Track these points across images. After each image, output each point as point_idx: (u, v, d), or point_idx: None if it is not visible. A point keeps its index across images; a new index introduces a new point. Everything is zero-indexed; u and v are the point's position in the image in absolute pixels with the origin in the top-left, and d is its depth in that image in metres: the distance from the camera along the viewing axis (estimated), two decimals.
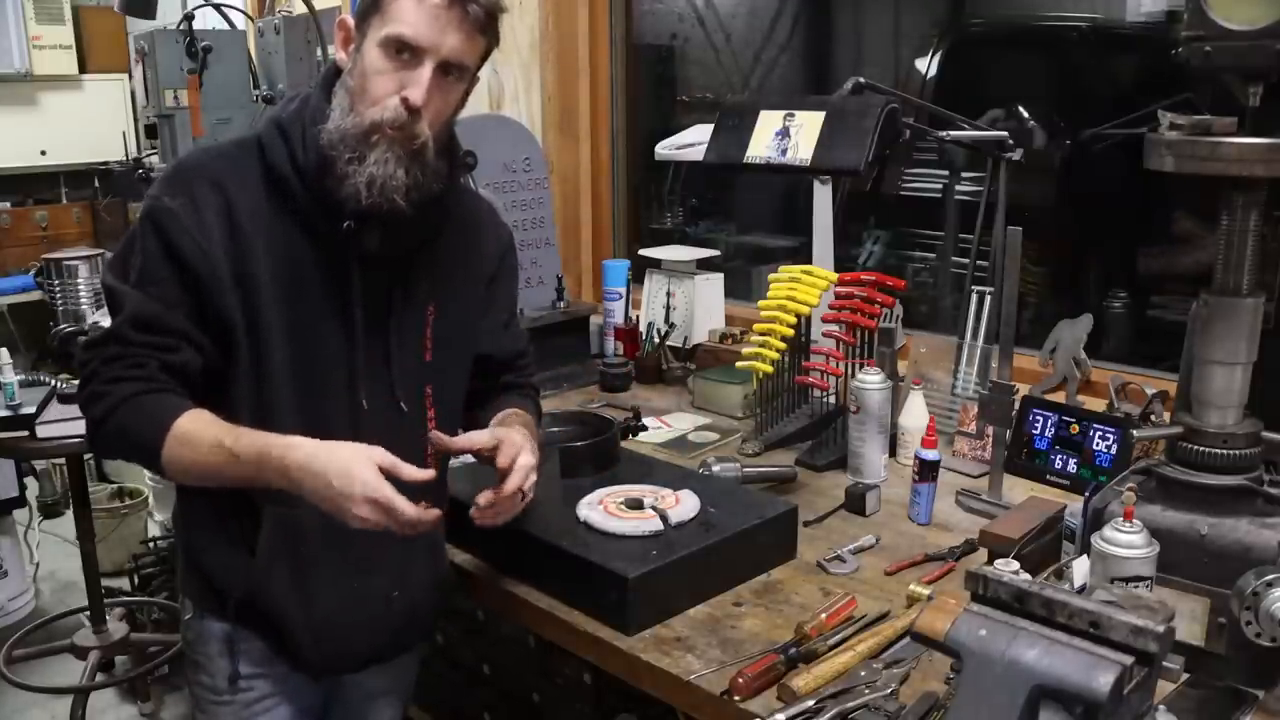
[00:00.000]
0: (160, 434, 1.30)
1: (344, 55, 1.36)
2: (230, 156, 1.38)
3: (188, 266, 1.32)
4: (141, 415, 1.31)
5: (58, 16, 4.45)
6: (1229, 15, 1.20)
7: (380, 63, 1.31)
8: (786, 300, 2.03)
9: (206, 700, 1.51)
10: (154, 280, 1.33)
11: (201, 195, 1.33)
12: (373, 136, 1.31)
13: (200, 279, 1.32)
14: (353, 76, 1.33)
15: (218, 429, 1.31)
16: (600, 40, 3.06)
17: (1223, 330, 1.30)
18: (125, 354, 1.32)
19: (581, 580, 1.48)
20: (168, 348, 1.33)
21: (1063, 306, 2.36)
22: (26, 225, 4.59)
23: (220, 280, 1.33)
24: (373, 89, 1.31)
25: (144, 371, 1.32)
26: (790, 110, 1.78)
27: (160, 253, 1.32)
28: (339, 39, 1.37)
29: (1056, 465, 1.88)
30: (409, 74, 1.31)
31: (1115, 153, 2.35)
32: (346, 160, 1.31)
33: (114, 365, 1.32)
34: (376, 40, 1.31)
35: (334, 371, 1.40)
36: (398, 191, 1.32)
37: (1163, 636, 0.90)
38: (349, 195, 1.32)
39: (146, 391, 1.32)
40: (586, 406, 2.36)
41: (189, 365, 1.34)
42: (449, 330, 1.50)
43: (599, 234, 3.18)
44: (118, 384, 1.32)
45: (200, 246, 1.32)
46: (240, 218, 1.33)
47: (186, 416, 1.31)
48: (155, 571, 3.48)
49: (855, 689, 1.26)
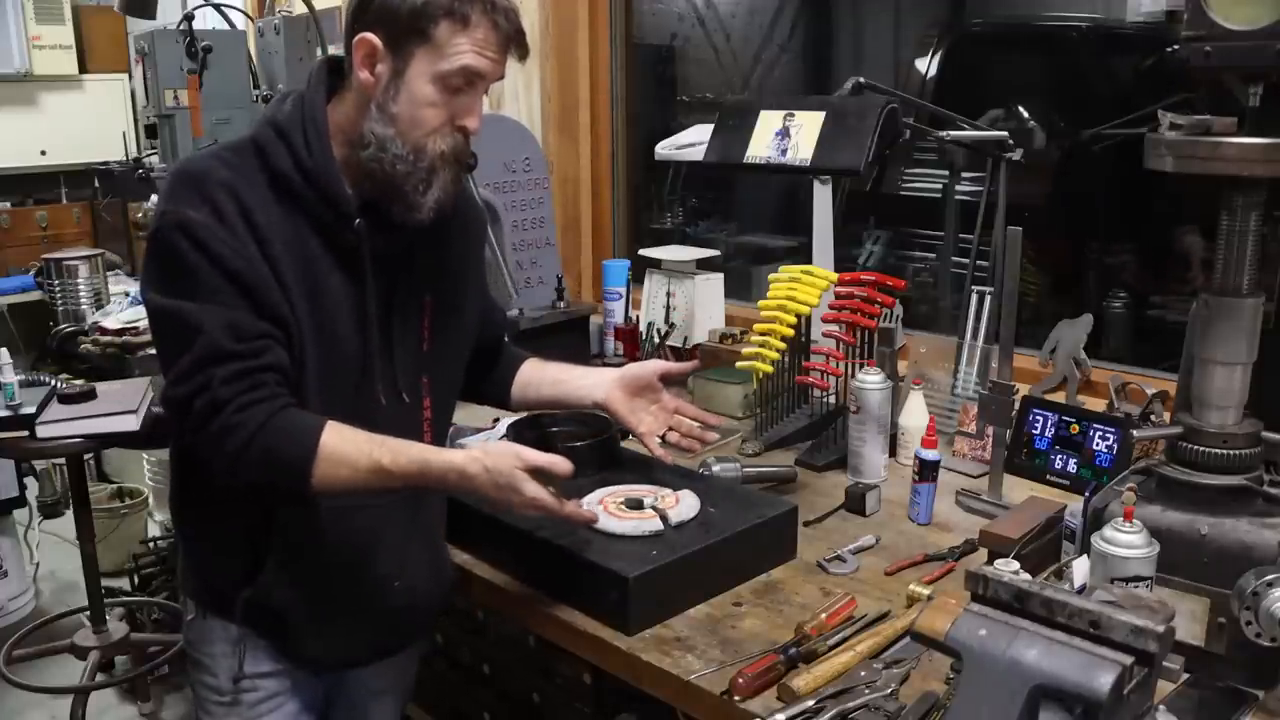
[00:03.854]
0: (309, 456, 1.28)
1: (366, 73, 1.33)
2: (232, 162, 1.35)
3: (236, 274, 1.29)
4: (284, 439, 1.28)
5: (58, 16, 4.45)
6: (1229, 15, 1.20)
7: (436, 95, 1.33)
8: (786, 300, 2.03)
9: (210, 700, 1.51)
10: (214, 290, 1.28)
11: (221, 202, 1.30)
12: (438, 165, 1.36)
13: (249, 283, 1.29)
14: (395, 103, 1.33)
15: (366, 444, 1.31)
16: (600, 40, 3.06)
17: (1223, 330, 1.30)
18: (240, 373, 1.27)
19: (581, 580, 1.49)
20: (265, 350, 1.29)
21: (1063, 306, 2.37)
22: (26, 225, 4.60)
23: (266, 282, 1.30)
24: (428, 119, 1.34)
25: (267, 390, 1.28)
26: (790, 110, 1.78)
27: (208, 265, 1.28)
28: (359, 56, 1.33)
29: (1056, 465, 1.88)
30: (463, 102, 1.35)
31: (1115, 153, 2.35)
32: (418, 190, 1.35)
33: (234, 388, 1.26)
34: (432, 73, 1.31)
35: (350, 367, 1.40)
36: (449, 207, 1.40)
37: (1163, 636, 0.90)
38: (414, 219, 1.37)
39: (276, 411, 1.28)
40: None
41: (285, 364, 1.32)
42: (445, 319, 1.51)
43: (599, 234, 3.18)
44: (251, 409, 1.26)
45: (240, 253, 1.29)
46: (258, 221, 1.31)
47: (329, 434, 1.29)
48: (155, 571, 3.48)
49: (855, 689, 1.26)
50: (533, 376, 1.73)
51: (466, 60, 1.31)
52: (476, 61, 1.32)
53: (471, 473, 1.33)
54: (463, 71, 1.32)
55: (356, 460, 1.30)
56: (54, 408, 2.37)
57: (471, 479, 1.34)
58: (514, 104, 3.05)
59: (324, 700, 1.60)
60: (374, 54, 1.33)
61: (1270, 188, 1.26)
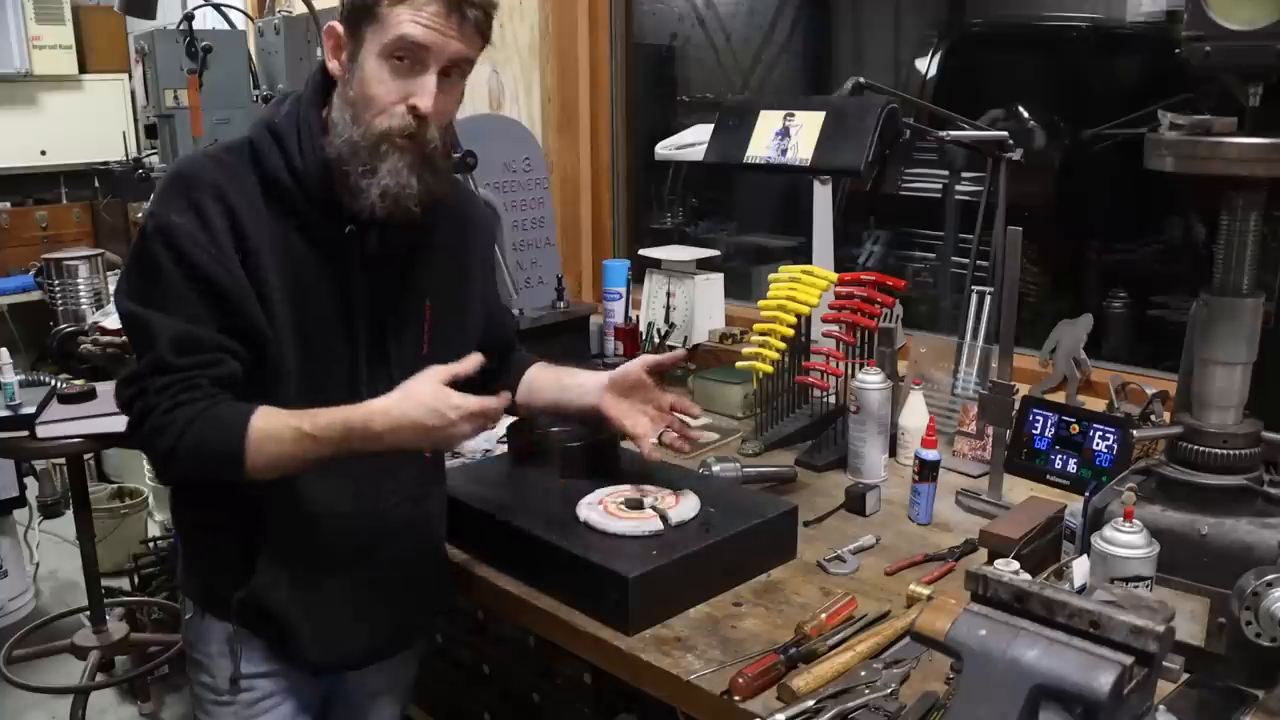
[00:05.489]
0: (240, 439, 1.29)
1: (336, 64, 1.35)
2: (225, 163, 1.35)
3: (209, 280, 1.30)
4: (215, 428, 1.29)
5: (58, 16, 4.45)
6: (1229, 15, 1.20)
7: (382, 72, 1.31)
8: (786, 300, 2.03)
9: (208, 700, 1.51)
10: (180, 299, 1.30)
11: (206, 206, 1.31)
12: (382, 146, 1.32)
13: (223, 291, 1.31)
14: (352, 87, 1.33)
15: (290, 418, 1.30)
16: (600, 40, 3.06)
17: (1223, 330, 1.30)
18: (175, 381, 1.29)
19: (581, 580, 1.48)
20: (212, 363, 1.31)
21: (1063, 306, 2.36)
22: (26, 225, 4.59)
23: (242, 288, 1.31)
24: (377, 98, 1.31)
25: (200, 392, 1.30)
26: (790, 110, 1.78)
27: (179, 271, 1.30)
28: (329, 46, 1.36)
29: (1056, 465, 1.88)
30: (413, 81, 1.31)
31: (1115, 153, 2.35)
32: (360, 173, 1.32)
33: (166, 395, 1.29)
34: (376, 49, 1.30)
35: (337, 372, 1.41)
36: (411, 200, 1.34)
37: (1163, 636, 0.90)
38: (364, 208, 1.33)
39: (209, 407, 1.30)
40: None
41: (235, 376, 1.33)
42: (445, 324, 1.51)
43: (599, 234, 3.18)
44: (178, 409, 1.29)
45: (217, 258, 1.30)
46: (244, 225, 1.32)
47: (257, 416, 1.30)
48: (155, 571, 3.49)
49: (855, 689, 1.26)
50: (537, 381, 1.72)
51: (404, 29, 1.28)
52: (413, 29, 1.28)
53: (397, 410, 1.30)
54: (400, 40, 1.28)
55: (281, 433, 1.29)
56: (54, 408, 2.38)
57: (399, 416, 1.29)
58: (514, 104, 3.05)
59: (322, 702, 1.60)
60: (339, 43, 1.34)
61: (1270, 188, 1.26)
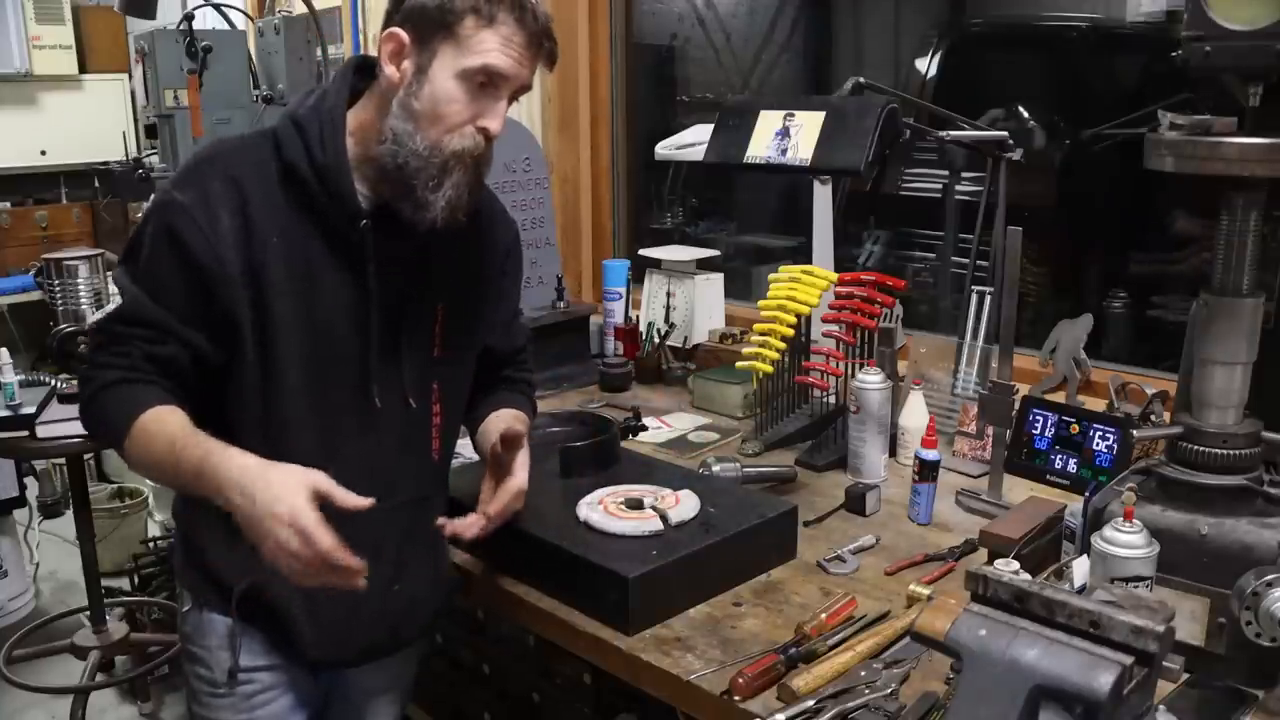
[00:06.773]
0: (126, 425, 1.32)
1: (393, 69, 1.33)
2: (247, 150, 1.37)
3: (193, 262, 1.32)
4: (115, 403, 1.34)
5: (58, 16, 4.45)
6: (1229, 15, 1.20)
7: (459, 92, 1.32)
8: (786, 300, 2.03)
9: (204, 693, 1.51)
10: (153, 274, 1.34)
11: (215, 190, 1.32)
12: (451, 164, 1.34)
13: (206, 274, 1.32)
14: (418, 99, 1.32)
15: (176, 430, 1.30)
16: (600, 40, 3.06)
17: (1223, 330, 1.30)
18: (109, 342, 1.36)
19: (581, 580, 1.48)
20: (151, 339, 1.34)
21: (1063, 306, 2.37)
22: (26, 225, 4.59)
23: (229, 276, 1.32)
24: (448, 116, 1.32)
25: (128, 361, 1.34)
26: (790, 110, 1.78)
27: (165, 247, 1.33)
28: (387, 50, 1.34)
29: (1056, 465, 1.88)
30: (487, 104, 1.34)
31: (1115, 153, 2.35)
32: (427, 187, 1.33)
33: (101, 353, 1.37)
34: (455, 69, 1.31)
35: (346, 369, 1.40)
36: (463, 210, 1.37)
37: (1163, 636, 0.90)
38: (424, 220, 1.34)
39: (125, 380, 1.34)
40: (586, 406, 2.36)
41: (175, 359, 1.35)
42: (458, 326, 1.50)
43: (599, 234, 3.18)
44: (103, 370, 1.36)
45: (208, 241, 1.31)
46: (254, 213, 1.33)
47: (154, 411, 1.32)
48: (155, 571, 3.49)
49: (855, 689, 1.26)
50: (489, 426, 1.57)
51: (490, 59, 1.30)
52: (499, 60, 1.31)
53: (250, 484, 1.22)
54: (485, 69, 1.31)
55: (158, 435, 1.31)
56: (54, 408, 2.38)
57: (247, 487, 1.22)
58: (514, 105, 3.04)
59: (322, 698, 1.60)
60: (401, 49, 1.33)
61: (1270, 188, 1.26)
